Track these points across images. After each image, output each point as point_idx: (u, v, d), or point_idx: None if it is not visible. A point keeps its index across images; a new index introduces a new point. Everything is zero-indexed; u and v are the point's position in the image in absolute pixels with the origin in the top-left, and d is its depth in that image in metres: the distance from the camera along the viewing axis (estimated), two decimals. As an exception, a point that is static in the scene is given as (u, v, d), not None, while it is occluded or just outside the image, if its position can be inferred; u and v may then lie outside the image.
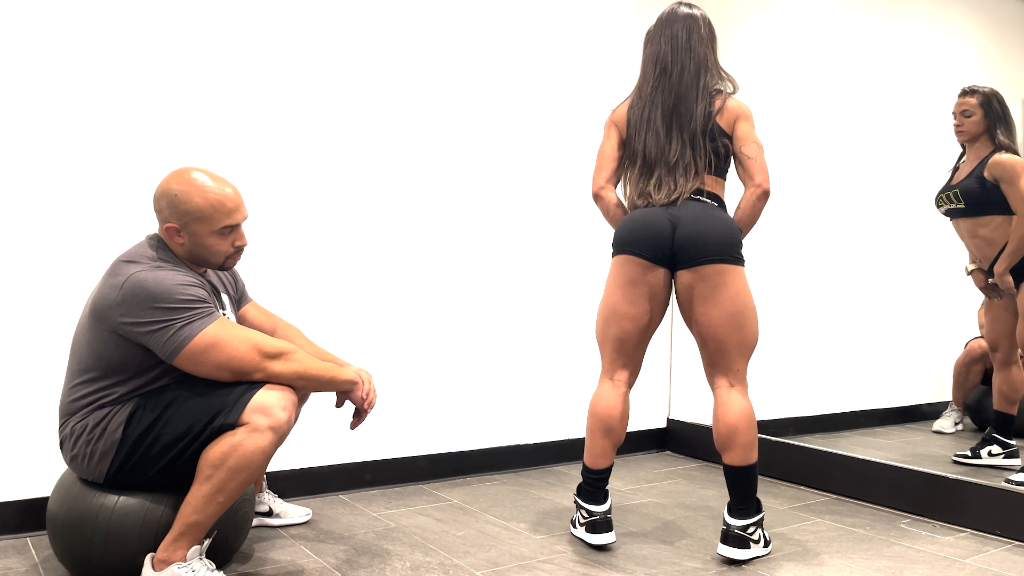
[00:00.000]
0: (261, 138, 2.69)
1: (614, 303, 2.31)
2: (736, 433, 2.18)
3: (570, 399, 3.38)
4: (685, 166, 2.25)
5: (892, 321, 3.31)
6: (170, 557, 1.80)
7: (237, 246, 1.99)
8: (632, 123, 2.32)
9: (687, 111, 2.25)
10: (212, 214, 1.91)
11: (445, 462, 3.06)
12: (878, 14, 3.36)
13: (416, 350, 3.00)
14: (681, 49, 2.27)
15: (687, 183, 2.24)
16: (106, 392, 1.88)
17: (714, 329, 2.20)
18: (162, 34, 2.51)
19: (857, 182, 3.21)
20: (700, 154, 2.25)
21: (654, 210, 2.26)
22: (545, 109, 3.28)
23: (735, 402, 2.20)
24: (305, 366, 1.91)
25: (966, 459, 2.91)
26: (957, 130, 2.87)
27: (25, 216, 2.34)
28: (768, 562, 2.23)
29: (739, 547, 2.18)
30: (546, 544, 2.35)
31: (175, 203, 1.91)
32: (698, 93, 2.25)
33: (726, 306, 2.19)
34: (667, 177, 2.26)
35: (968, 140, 2.87)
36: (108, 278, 1.87)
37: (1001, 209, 2.79)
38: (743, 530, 2.18)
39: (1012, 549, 2.36)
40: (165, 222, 1.93)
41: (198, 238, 1.93)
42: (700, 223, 2.19)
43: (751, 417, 2.20)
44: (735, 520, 2.19)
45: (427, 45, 3.00)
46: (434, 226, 3.03)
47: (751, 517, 2.20)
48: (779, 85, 3.49)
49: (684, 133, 2.25)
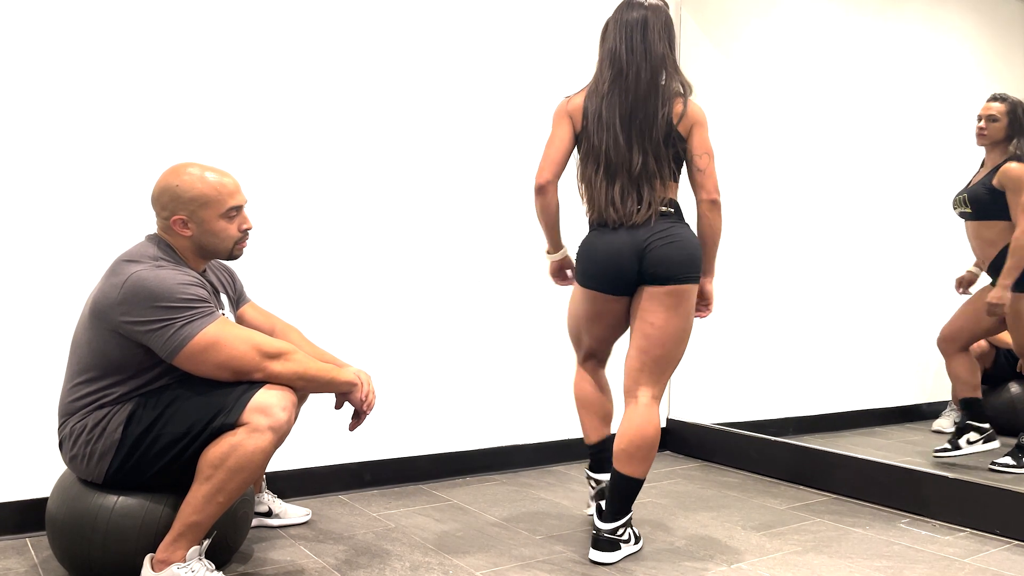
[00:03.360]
0: (259, 140, 2.69)
1: (581, 323, 2.39)
2: (649, 448, 2.18)
3: (569, 399, 3.37)
4: (649, 177, 2.20)
5: (891, 321, 3.31)
6: (169, 557, 1.80)
7: (243, 229, 2.00)
8: (589, 118, 2.24)
9: (646, 117, 2.18)
10: (217, 197, 1.93)
11: (445, 462, 3.06)
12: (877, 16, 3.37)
13: (416, 350, 3.00)
14: (637, 51, 2.19)
15: (653, 194, 2.20)
16: (106, 392, 1.88)
17: (660, 342, 2.20)
18: (162, 35, 2.51)
19: (857, 183, 3.22)
20: (663, 163, 2.20)
21: (618, 238, 2.21)
22: (541, 112, 3.28)
23: (654, 418, 2.20)
24: (305, 366, 1.91)
25: (946, 453, 2.93)
26: (979, 133, 2.89)
27: (24, 217, 2.34)
28: (768, 562, 2.23)
29: (610, 550, 2.20)
30: (545, 544, 2.35)
31: (178, 194, 1.92)
32: (658, 99, 2.19)
33: (676, 322, 2.19)
34: (631, 188, 2.20)
35: (988, 144, 2.89)
36: (109, 277, 1.87)
37: (1005, 215, 2.81)
38: (613, 532, 2.20)
39: (1012, 548, 2.36)
40: (172, 215, 1.93)
41: (207, 224, 1.94)
42: (668, 247, 2.17)
43: (658, 434, 2.22)
44: (606, 524, 2.20)
45: (424, 47, 3.00)
46: (433, 226, 3.03)
47: (622, 519, 2.22)
48: (778, 86, 3.49)
49: (646, 142, 2.19)
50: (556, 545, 2.34)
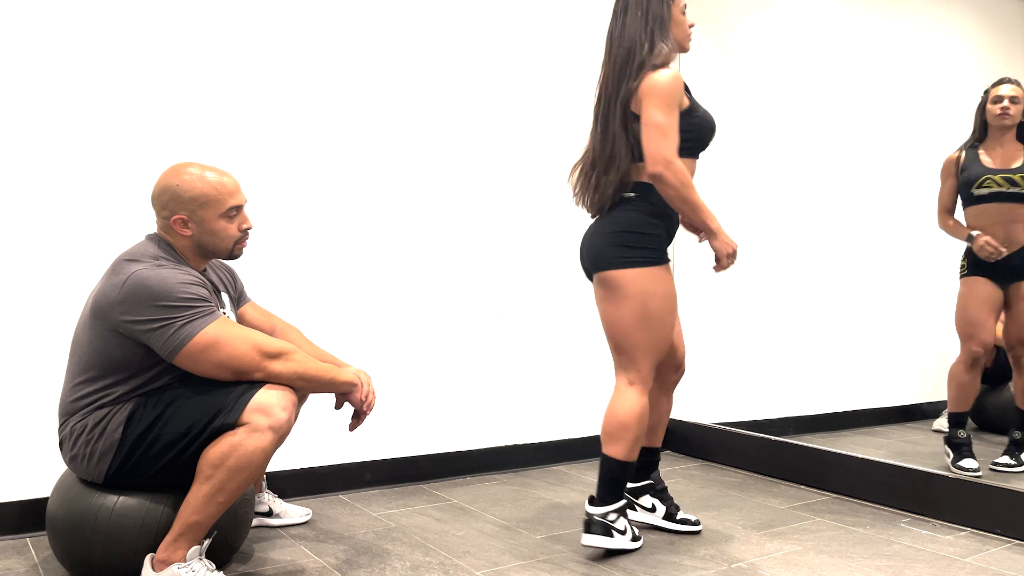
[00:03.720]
0: (260, 140, 2.69)
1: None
2: (618, 428, 2.20)
3: (570, 399, 3.38)
4: (610, 163, 2.19)
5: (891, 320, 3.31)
6: (170, 557, 1.80)
7: (243, 229, 2.00)
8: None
9: (613, 101, 2.19)
10: (217, 196, 1.94)
11: (445, 462, 3.06)
12: (877, 13, 3.36)
13: (416, 349, 3.00)
14: (615, 35, 2.20)
15: (610, 181, 2.20)
16: (106, 392, 1.88)
17: (608, 331, 2.24)
18: (163, 37, 2.51)
19: (856, 182, 3.22)
20: (622, 146, 2.18)
21: (587, 230, 2.29)
22: (546, 109, 3.28)
23: (623, 400, 2.21)
24: (305, 366, 1.91)
25: (1009, 468, 2.86)
26: (1003, 115, 2.86)
27: (24, 218, 2.34)
28: (768, 561, 2.23)
29: (601, 534, 2.21)
30: (546, 544, 2.35)
31: (178, 194, 1.92)
32: (624, 80, 2.17)
33: (613, 309, 2.20)
34: (600, 177, 2.23)
35: (1011, 126, 2.88)
36: (109, 276, 1.87)
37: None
38: (604, 517, 2.22)
39: (1012, 548, 2.36)
40: (172, 215, 1.93)
41: (207, 224, 1.95)
42: (594, 236, 2.22)
43: (631, 416, 2.21)
44: (595, 508, 2.23)
45: (428, 45, 3.00)
46: (433, 226, 3.03)
47: (611, 504, 2.23)
48: (775, 84, 3.49)
49: (610, 125, 2.19)
50: (557, 545, 2.34)
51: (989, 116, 2.89)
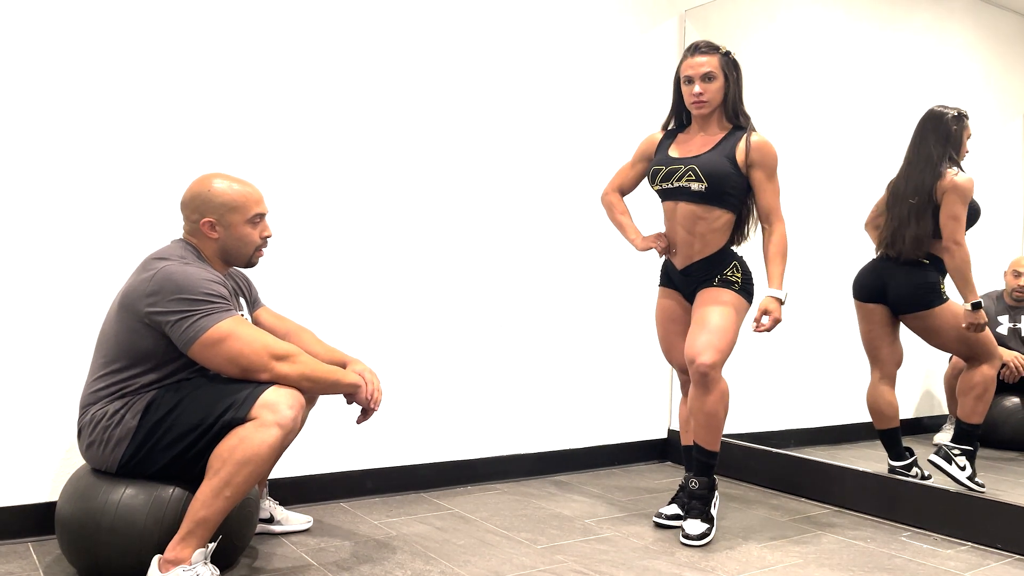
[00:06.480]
0: (274, 149, 2.70)
1: None
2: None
3: (572, 408, 3.38)
4: None
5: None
6: (177, 557, 1.84)
7: (264, 236, 2.13)
8: None
9: None
10: (244, 202, 2.07)
11: (446, 471, 3.07)
12: (882, 27, 3.38)
13: (418, 358, 3.01)
14: None
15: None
16: (129, 382, 1.96)
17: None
18: (184, 48, 2.53)
19: (858, 194, 3.22)
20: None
21: None
22: (553, 112, 3.29)
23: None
24: (311, 368, 1.99)
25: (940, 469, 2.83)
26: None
27: (35, 227, 2.35)
28: (769, 573, 2.23)
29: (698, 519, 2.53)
30: (547, 553, 2.35)
31: (209, 199, 2.05)
32: None
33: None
34: None
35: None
36: (139, 272, 1.98)
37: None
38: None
39: (1013, 563, 2.36)
40: (201, 218, 2.05)
41: (233, 228, 2.07)
42: None
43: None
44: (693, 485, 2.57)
45: (441, 50, 3.02)
46: (438, 234, 3.04)
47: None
48: (780, 97, 3.50)
49: None
50: (557, 555, 2.34)
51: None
